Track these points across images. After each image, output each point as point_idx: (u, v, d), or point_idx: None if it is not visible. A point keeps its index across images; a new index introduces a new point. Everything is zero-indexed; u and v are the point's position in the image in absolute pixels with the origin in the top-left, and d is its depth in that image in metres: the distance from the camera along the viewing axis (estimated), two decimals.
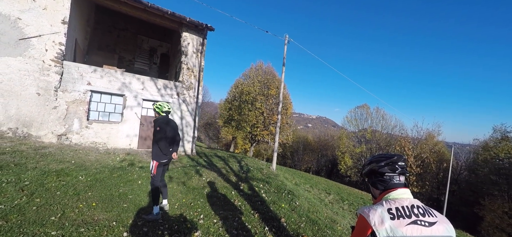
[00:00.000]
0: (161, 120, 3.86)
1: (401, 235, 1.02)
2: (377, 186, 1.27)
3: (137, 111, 9.52)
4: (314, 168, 44.38)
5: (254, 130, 22.64)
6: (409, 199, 1.15)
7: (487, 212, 22.27)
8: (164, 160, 3.81)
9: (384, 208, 1.11)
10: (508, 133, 25.74)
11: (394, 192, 1.19)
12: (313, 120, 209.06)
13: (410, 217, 1.06)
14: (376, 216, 1.08)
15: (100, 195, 4.33)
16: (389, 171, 1.23)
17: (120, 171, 6.00)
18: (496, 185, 24.83)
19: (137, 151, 9.13)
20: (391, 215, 1.07)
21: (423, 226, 1.04)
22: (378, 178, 1.26)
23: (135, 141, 9.51)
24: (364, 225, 1.10)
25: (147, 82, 9.80)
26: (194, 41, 11.09)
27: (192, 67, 11.02)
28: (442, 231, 1.06)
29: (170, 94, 10.39)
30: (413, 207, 1.10)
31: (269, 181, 7.38)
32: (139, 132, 9.62)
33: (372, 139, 32.65)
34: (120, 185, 5.00)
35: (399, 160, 1.24)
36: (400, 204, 1.11)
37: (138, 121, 9.55)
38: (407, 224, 1.04)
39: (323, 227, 4.35)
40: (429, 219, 1.07)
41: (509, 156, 24.54)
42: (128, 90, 9.35)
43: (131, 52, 14.58)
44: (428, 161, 28.39)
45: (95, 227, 3.23)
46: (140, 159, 7.76)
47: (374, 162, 1.30)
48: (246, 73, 24.33)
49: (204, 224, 3.71)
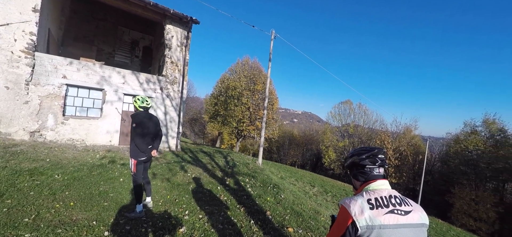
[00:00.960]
0: (138, 116, 3.63)
1: (379, 224, 1.09)
2: (358, 178, 1.33)
3: (118, 106, 9.14)
4: (299, 162, 45.32)
5: (240, 125, 22.61)
6: (387, 190, 1.22)
7: (456, 199, 24.07)
8: (142, 157, 3.64)
9: (364, 198, 1.17)
10: (477, 127, 27.81)
11: (374, 183, 1.26)
12: (299, 115, 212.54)
13: (387, 207, 1.13)
14: (356, 206, 1.14)
15: (79, 194, 4.15)
16: (369, 163, 1.29)
17: (100, 168, 5.77)
18: (465, 175, 26.84)
19: (118, 147, 8.80)
20: (370, 205, 1.13)
21: (400, 214, 1.12)
22: (359, 170, 1.32)
23: (116, 137, 9.15)
24: (345, 215, 1.16)
25: (129, 76, 9.42)
26: (179, 34, 10.77)
27: (177, 61, 10.73)
28: (417, 219, 1.15)
29: (153, 88, 10.06)
30: (391, 197, 1.17)
31: (255, 176, 7.45)
32: (121, 128, 9.26)
33: (355, 133, 33.86)
34: (100, 184, 4.82)
35: (379, 153, 1.31)
36: (379, 194, 1.18)
37: (119, 116, 9.18)
38: (385, 213, 1.11)
39: (307, 219, 4.49)
40: (405, 208, 1.15)
41: (477, 148, 26.56)
42: (108, 84, 8.93)
43: (111, 44, 13.89)
44: (405, 153, 30.01)
45: (74, 227, 3.10)
46: (121, 156, 7.49)
47: (355, 155, 1.36)
48: (232, 68, 24.12)
49: (189, 220, 3.69)
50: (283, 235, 3.60)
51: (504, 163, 23.94)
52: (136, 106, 3.69)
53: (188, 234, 3.27)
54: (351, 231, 1.12)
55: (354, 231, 1.12)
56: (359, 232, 1.11)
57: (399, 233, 1.09)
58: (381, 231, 1.08)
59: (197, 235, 3.26)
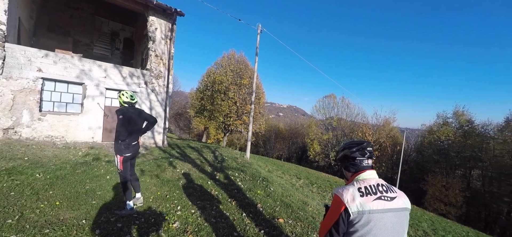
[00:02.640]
0: (127, 112, 3.49)
1: (368, 209, 1.22)
2: (349, 169, 1.47)
3: (100, 102, 8.76)
4: (286, 155, 46.19)
5: (227, 120, 22.52)
6: (375, 179, 1.36)
7: (429, 186, 25.92)
8: (128, 154, 3.56)
9: (355, 187, 1.30)
10: (448, 119, 29.89)
11: (363, 173, 1.39)
12: (284, 109, 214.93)
13: (376, 194, 1.27)
14: (348, 195, 1.27)
15: (64, 193, 4.01)
16: (359, 155, 1.42)
17: (84, 166, 5.57)
18: (437, 163, 28.90)
19: (101, 144, 8.49)
20: (361, 193, 1.26)
21: (386, 200, 1.26)
22: (350, 162, 1.45)
23: (99, 133, 8.81)
24: (339, 203, 1.28)
25: (110, 69, 9.03)
26: (162, 27, 10.44)
27: (161, 54, 10.43)
28: (401, 204, 1.30)
29: (137, 83, 9.75)
30: (379, 186, 1.31)
31: (244, 170, 7.56)
32: (103, 124, 8.91)
33: (338, 126, 35.02)
34: (86, 182, 4.67)
35: (368, 146, 1.44)
36: (368, 183, 1.32)
37: (102, 112, 8.82)
38: (373, 199, 1.25)
39: (296, 209, 4.68)
40: (390, 195, 1.29)
41: (448, 138, 28.62)
42: (88, 78, 8.52)
43: (89, 36, 13.14)
44: (385, 145, 31.62)
45: (62, 227, 3.02)
46: (106, 153, 7.25)
47: (347, 148, 1.49)
48: (218, 62, 23.78)
49: (182, 215, 3.72)
50: (275, 226, 3.75)
51: (471, 152, 26.08)
52: (121, 101, 3.58)
53: (182, 229, 3.31)
54: (344, 216, 1.26)
55: (347, 216, 1.25)
56: (351, 217, 1.24)
57: (386, 217, 1.24)
58: (370, 216, 1.22)
59: (190, 230, 3.31)
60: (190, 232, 3.24)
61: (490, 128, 27.06)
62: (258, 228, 3.58)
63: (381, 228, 1.22)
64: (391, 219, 1.25)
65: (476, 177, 27.94)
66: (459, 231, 13.00)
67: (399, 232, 1.27)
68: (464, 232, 13.27)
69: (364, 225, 1.22)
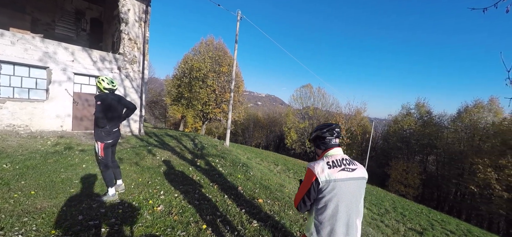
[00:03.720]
0: (106, 98, 3.43)
1: (334, 178, 1.52)
2: (320, 147, 1.76)
3: (68, 87, 8.20)
4: (264, 144, 47.13)
5: (206, 108, 22.23)
6: (341, 155, 1.66)
7: (392, 170, 28.61)
8: (109, 141, 3.55)
9: (324, 162, 1.59)
10: (411, 110, 32.81)
11: (331, 150, 1.69)
12: (263, 98, 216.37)
13: (340, 166, 1.57)
14: (319, 167, 1.56)
15: (38, 183, 3.87)
16: (328, 135, 1.71)
17: (56, 156, 5.32)
18: (400, 150, 31.84)
19: (72, 133, 8.03)
20: (329, 166, 1.56)
21: (348, 171, 1.57)
22: (321, 141, 1.74)
23: (68, 122, 8.29)
24: (310, 174, 1.57)
25: (79, 52, 8.44)
26: (136, 8, 9.90)
27: (135, 38, 9.94)
28: (360, 174, 1.62)
29: (110, 68, 9.25)
30: (343, 160, 1.62)
31: (224, 156, 7.76)
32: (73, 111, 8.39)
33: (314, 115, 36.52)
34: (60, 171, 4.51)
35: (336, 127, 1.74)
36: (335, 158, 1.62)
37: (71, 99, 8.28)
38: (338, 171, 1.55)
39: (274, 191, 5.05)
40: (352, 167, 1.60)
41: (410, 128, 31.55)
42: (54, 61, 7.89)
43: (50, 14, 11.95)
44: (355, 133, 33.87)
45: (42, 214, 2.99)
46: (78, 142, 6.92)
47: (318, 129, 1.77)
48: (196, 48, 23.05)
49: (166, 199, 3.85)
50: (255, 206, 4.05)
51: (428, 140, 29.11)
52: (101, 87, 3.50)
53: (167, 211, 3.45)
54: (315, 185, 1.55)
55: (317, 185, 1.54)
56: (321, 185, 1.53)
57: (347, 184, 1.55)
58: (335, 183, 1.52)
59: (175, 212, 3.46)
60: (175, 213, 3.40)
61: (444, 118, 30.37)
62: (240, 208, 3.86)
63: (343, 193, 1.53)
64: (352, 186, 1.57)
65: (431, 162, 31.41)
66: (415, 209, 14.74)
67: (357, 196, 1.59)
68: (419, 209, 15.09)
69: (331, 190, 1.52)
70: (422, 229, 10.07)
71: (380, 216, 10.78)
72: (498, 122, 23.92)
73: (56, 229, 2.73)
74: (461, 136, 27.52)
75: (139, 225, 3.01)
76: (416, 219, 11.65)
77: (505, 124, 22.91)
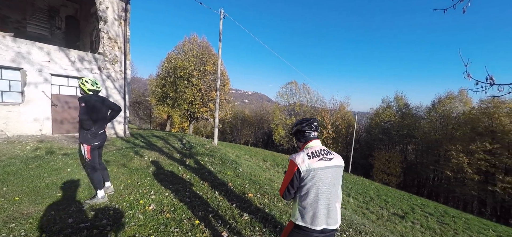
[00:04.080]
0: (90, 100, 3.38)
1: (314, 167, 1.68)
2: (301, 140, 1.92)
3: (45, 89, 7.83)
4: (252, 141, 47.36)
5: (192, 107, 21.95)
6: (319, 146, 1.83)
7: (376, 161, 29.92)
8: (95, 143, 3.52)
9: (304, 153, 1.75)
10: (390, 103, 34.37)
11: (311, 142, 1.85)
12: (249, 96, 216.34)
13: (319, 156, 1.74)
14: (299, 159, 1.72)
15: (21, 189, 3.75)
16: (307, 129, 1.87)
17: (37, 160, 5.13)
18: (382, 141, 33.32)
19: (52, 137, 7.71)
20: (309, 156, 1.72)
21: (326, 160, 1.74)
22: (302, 134, 1.90)
23: (48, 125, 7.94)
24: (293, 165, 1.73)
25: (55, 52, 8.07)
26: (115, 6, 9.59)
27: (115, 37, 9.64)
28: (336, 163, 1.79)
29: (89, 68, 8.93)
30: (321, 151, 1.78)
31: (213, 154, 7.81)
32: (52, 114, 8.04)
33: (300, 111, 37.22)
34: (44, 176, 4.38)
35: (314, 121, 1.90)
36: (314, 149, 1.78)
37: (49, 101, 7.92)
38: (317, 160, 1.71)
39: (263, 185, 5.21)
40: (329, 157, 1.77)
41: (390, 120, 33.07)
42: (28, 62, 7.51)
43: (20, 11, 11.26)
44: (340, 127, 34.96)
45: (29, 220, 2.93)
46: (60, 146, 6.68)
47: (299, 124, 1.93)
48: (179, 46, 22.62)
49: (157, 199, 3.88)
50: (245, 200, 4.19)
51: (407, 130, 30.71)
52: (85, 89, 3.45)
53: (158, 210, 3.50)
54: (297, 174, 1.71)
55: (299, 174, 1.70)
56: (302, 174, 1.69)
57: (326, 172, 1.72)
58: (315, 172, 1.69)
59: (167, 210, 3.52)
60: (167, 212, 3.45)
61: (421, 110, 32.16)
62: (231, 203, 3.97)
63: (322, 180, 1.70)
64: (330, 173, 1.74)
65: (411, 151, 33.17)
66: (397, 195, 15.58)
67: (335, 182, 1.77)
68: (401, 195, 15.98)
69: (311, 178, 1.69)
70: (403, 213, 10.72)
71: (366, 204, 11.33)
72: (468, 111, 25.76)
73: (46, 233, 2.71)
74: (436, 126, 29.31)
75: (131, 225, 3.04)
76: (398, 205, 12.36)
77: (473, 113, 24.70)
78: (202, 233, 3.00)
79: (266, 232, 3.20)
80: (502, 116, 21.83)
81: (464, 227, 10.43)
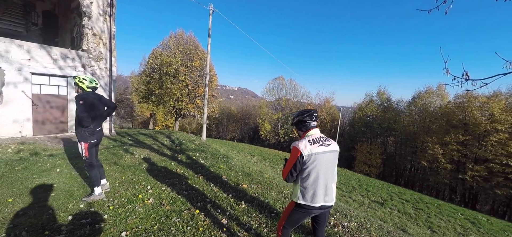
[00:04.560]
0: (88, 97, 3.41)
1: (314, 152, 1.93)
2: (302, 129, 2.15)
3: (25, 89, 7.49)
4: (238, 136, 47.46)
5: (178, 104, 21.63)
6: (318, 134, 2.08)
7: (358, 153, 31.31)
8: (93, 140, 3.57)
9: (306, 140, 1.99)
10: (373, 97, 35.92)
11: (311, 131, 2.10)
12: (235, 92, 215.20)
13: (319, 143, 1.99)
14: (302, 145, 1.95)
15: (12, 191, 3.69)
16: (308, 119, 2.12)
17: (23, 162, 4.99)
18: (364, 134, 34.82)
19: (34, 138, 7.41)
20: (310, 143, 1.96)
21: (325, 146, 2.00)
22: (303, 124, 2.14)
23: (28, 127, 7.62)
24: (296, 150, 1.96)
25: (36, 50, 7.73)
26: (99, 1, 9.29)
27: (100, 33, 9.36)
28: (334, 147, 2.06)
29: (73, 66, 8.63)
30: (321, 138, 2.04)
31: (204, 150, 7.92)
32: (33, 115, 7.71)
33: (286, 106, 37.84)
34: (33, 177, 4.30)
35: (314, 112, 2.15)
36: (314, 136, 2.03)
37: (29, 101, 7.58)
38: (317, 146, 1.96)
39: (256, 177, 5.45)
40: (328, 143, 2.03)
41: (373, 113, 34.61)
42: (6, 61, 7.15)
43: None
44: (325, 121, 36.05)
45: (27, 219, 2.94)
46: (44, 147, 6.47)
47: (300, 115, 2.16)
48: (165, 42, 22.09)
49: (154, 193, 3.98)
50: (240, 190, 4.40)
51: (388, 123, 32.34)
52: (84, 86, 3.47)
53: (158, 203, 3.61)
54: (300, 159, 1.94)
55: (301, 158, 1.94)
56: (305, 158, 1.93)
57: (325, 156, 1.98)
58: (316, 156, 1.94)
59: (166, 202, 3.64)
60: (166, 204, 3.59)
61: (401, 104, 33.97)
62: (226, 194, 4.17)
63: (322, 163, 1.96)
64: (328, 157, 2.00)
65: (390, 143, 35.00)
66: (377, 185, 16.53)
67: (332, 165, 2.04)
68: (380, 185, 16.96)
69: (312, 162, 1.94)
70: (383, 200, 11.49)
71: (348, 193, 11.99)
72: (444, 105, 27.67)
73: (48, 230, 2.76)
74: (415, 119, 31.17)
75: (133, 218, 3.15)
76: (378, 193, 13.19)
77: (449, 106, 26.59)
78: (203, 221, 3.18)
79: (263, 217, 3.44)
80: (475, 110, 23.72)
81: (436, 211, 11.39)
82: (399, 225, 7.76)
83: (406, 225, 7.95)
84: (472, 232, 9.42)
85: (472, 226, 10.16)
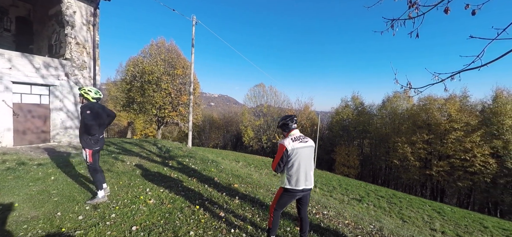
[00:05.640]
0: (93, 107, 3.70)
1: (296, 147, 2.52)
2: (285, 130, 2.75)
3: (5, 98, 7.31)
4: (221, 144, 47.39)
5: (161, 112, 21.43)
6: (298, 133, 2.69)
7: (337, 155, 32.98)
8: (97, 147, 3.86)
9: (289, 138, 2.58)
10: (348, 102, 38.23)
11: (293, 131, 2.70)
12: (216, 99, 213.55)
13: (299, 140, 2.59)
14: (286, 142, 2.54)
15: (13, 198, 3.81)
16: (290, 122, 2.71)
17: (13, 172, 5.00)
18: (342, 137, 36.76)
19: (15, 149, 7.22)
20: (292, 140, 2.56)
21: (303, 142, 2.60)
22: (286, 126, 2.73)
23: (9, 137, 7.41)
24: (282, 147, 2.54)
25: (17, 59, 7.61)
26: (83, 10, 9.35)
27: (84, 42, 9.39)
28: (310, 144, 2.67)
29: (56, 75, 8.55)
30: (300, 136, 2.64)
31: (192, 156, 8.24)
32: (14, 125, 7.51)
33: (268, 112, 38.81)
34: (29, 185, 4.39)
35: (294, 117, 2.76)
36: (295, 135, 2.63)
37: (10, 111, 7.39)
38: (298, 143, 2.56)
39: (245, 178, 5.94)
40: (305, 140, 2.64)
41: (348, 117, 36.78)
42: None
43: None
44: (305, 125, 37.51)
45: (39, 221, 3.16)
46: (29, 157, 6.39)
47: (284, 119, 2.76)
48: (146, 50, 21.89)
49: (154, 194, 4.31)
50: (232, 189, 4.87)
51: (363, 126, 34.58)
52: (90, 97, 3.75)
53: (159, 203, 3.96)
54: (285, 153, 2.53)
55: (286, 153, 2.52)
56: (289, 152, 2.52)
57: (304, 150, 2.58)
58: (297, 150, 2.53)
59: (167, 202, 4.00)
60: (167, 203, 3.95)
61: (374, 108, 36.57)
62: (221, 193, 4.62)
63: (302, 155, 2.56)
64: (306, 151, 2.60)
65: (366, 145, 37.34)
66: (355, 184, 17.74)
67: (310, 157, 2.65)
68: (358, 184, 18.22)
69: (295, 155, 2.53)
70: (360, 197, 12.51)
71: (330, 193, 12.86)
72: (410, 108, 30.36)
73: (65, 228, 3.02)
74: (386, 121, 33.72)
75: (139, 215, 3.49)
76: (356, 191, 14.26)
77: (414, 109, 29.28)
78: (203, 215, 3.62)
79: (255, 209, 3.96)
80: (435, 111, 26.42)
81: (407, 205, 12.66)
82: (374, 217, 8.67)
83: (380, 217, 8.88)
84: (437, 220, 10.68)
85: (437, 215, 11.48)
